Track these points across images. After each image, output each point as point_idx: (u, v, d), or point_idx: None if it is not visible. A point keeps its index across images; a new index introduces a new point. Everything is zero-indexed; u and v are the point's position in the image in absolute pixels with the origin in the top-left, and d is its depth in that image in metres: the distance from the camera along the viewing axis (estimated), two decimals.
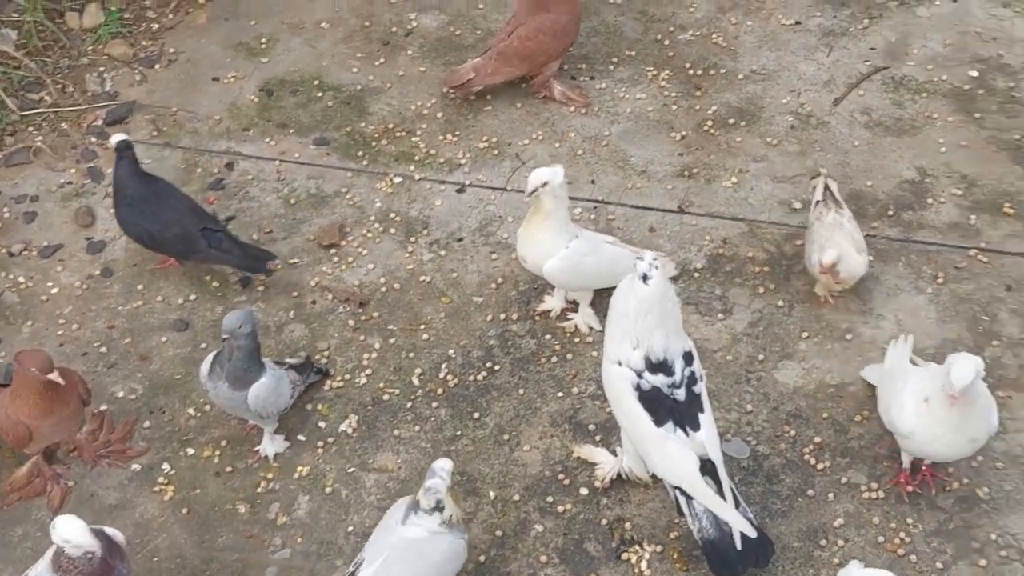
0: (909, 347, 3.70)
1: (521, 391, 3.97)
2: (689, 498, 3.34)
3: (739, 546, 3.28)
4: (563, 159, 4.71)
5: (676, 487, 3.36)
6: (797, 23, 5.26)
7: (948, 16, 5.24)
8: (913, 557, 3.52)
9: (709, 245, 4.41)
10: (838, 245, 3.98)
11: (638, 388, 3.34)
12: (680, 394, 3.34)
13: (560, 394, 3.96)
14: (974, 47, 5.10)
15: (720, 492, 3.32)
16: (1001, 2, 5.24)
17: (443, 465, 3.24)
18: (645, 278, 3.26)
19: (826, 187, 4.18)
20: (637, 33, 5.26)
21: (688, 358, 3.38)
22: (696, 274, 4.31)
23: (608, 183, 4.64)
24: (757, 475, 3.73)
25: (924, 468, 3.65)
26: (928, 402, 3.37)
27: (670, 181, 4.64)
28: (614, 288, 3.43)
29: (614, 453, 3.73)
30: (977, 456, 3.58)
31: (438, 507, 3.20)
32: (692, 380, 3.37)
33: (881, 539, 3.56)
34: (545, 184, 3.77)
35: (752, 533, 3.30)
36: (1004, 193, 4.49)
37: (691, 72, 5.06)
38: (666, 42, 5.20)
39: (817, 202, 4.15)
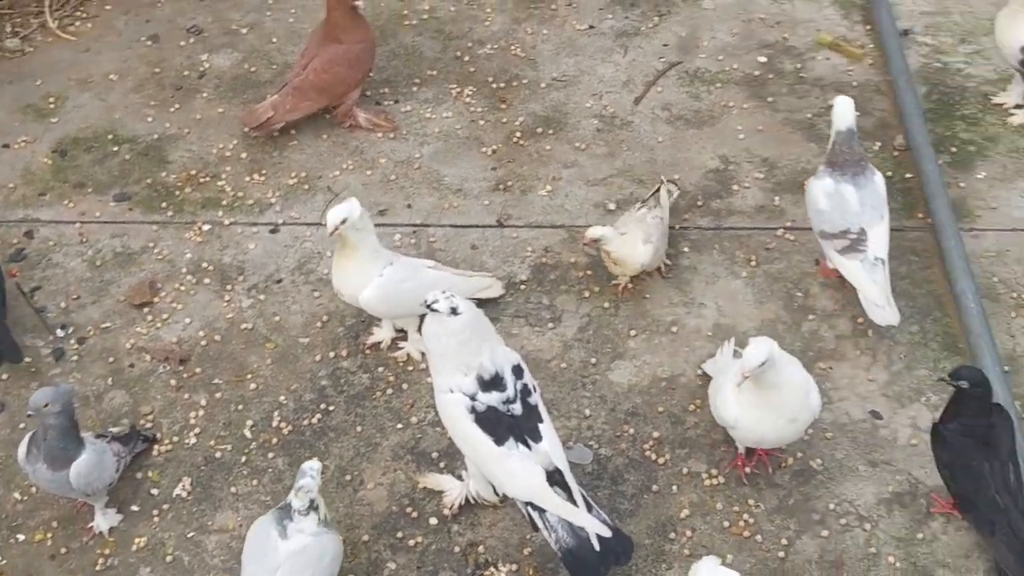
0: (731, 347, 3.81)
1: (359, 428, 3.91)
2: (542, 512, 3.33)
3: (597, 548, 3.30)
4: (376, 186, 4.68)
5: (527, 503, 3.35)
6: (591, 27, 5.35)
7: (732, 6, 5.42)
8: (759, 537, 3.60)
9: (532, 256, 4.43)
10: (623, 227, 4.13)
11: (473, 411, 3.32)
12: (516, 408, 3.34)
13: (399, 426, 3.91)
14: (760, 33, 5.28)
15: (571, 499, 3.33)
16: None
17: (312, 465, 3.22)
18: (454, 311, 3.26)
19: (657, 190, 4.33)
20: (436, 52, 5.26)
21: (518, 371, 3.39)
22: (522, 286, 4.32)
23: (425, 205, 4.62)
24: (602, 478, 3.76)
25: (758, 448, 3.74)
26: (740, 388, 3.46)
27: (486, 196, 4.65)
28: None
29: (460, 478, 3.70)
30: (807, 429, 3.69)
31: (312, 507, 3.18)
32: (526, 392, 3.38)
33: (726, 524, 3.64)
34: (344, 221, 3.73)
35: (607, 533, 3.31)
36: (803, 171, 4.65)
37: (494, 86, 5.08)
38: (466, 58, 5.21)
39: (643, 202, 4.27)
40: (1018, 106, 4.82)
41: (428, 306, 3.28)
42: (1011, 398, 3.76)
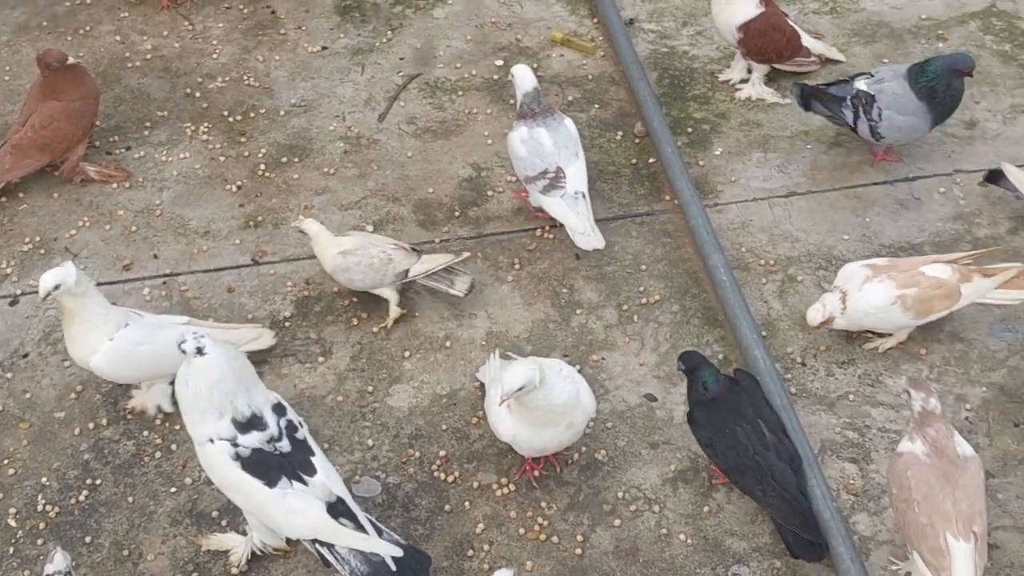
0: (498, 358, 3.80)
1: (131, 499, 3.70)
2: (331, 546, 3.25)
3: (394, 568, 3.24)
4: (117, 240, 4.44)
5: (314, 541, 3.26)
6: (324, 48, 5.25)
7: (463, 13, 5.43)
8: (555, 538, 3.62)
9: (293, 290, 4.31)
10: (359, 236, 4.15)
11: (238, 457, 3.23)
12: (284, 446, 3.29)
13: (173, 489, 3.72)
14: (494, 37, 5.32)
15: (358, 527, 3.26)
16: None
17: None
18: (200, 351, 3.19)
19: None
20: (165, 92, 5.04)
21: (279, 409, 3.34)
22: (287, 323, 4.20)
23: (172, 254, 4.42)
24: (393, 507, 3.70)
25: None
26: (511, 407, 3.46)
27: (237, 235, 4.49)
28: None
29: (244, 532, 3.55)
30: (588, 422, 3.73)
31: None
32: (292, 428, 3.33)
33: (522, 531, 3.63)
34: (58, 287, 3.54)
35: (399, 552, 3.26)
36: None
37: (231, 119, 4.92)
38: (197, 94, 5.02)
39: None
40: (743, 80, 5.04)
41: (179, 346, 3.21)
42: (771, 360, 3.92)
